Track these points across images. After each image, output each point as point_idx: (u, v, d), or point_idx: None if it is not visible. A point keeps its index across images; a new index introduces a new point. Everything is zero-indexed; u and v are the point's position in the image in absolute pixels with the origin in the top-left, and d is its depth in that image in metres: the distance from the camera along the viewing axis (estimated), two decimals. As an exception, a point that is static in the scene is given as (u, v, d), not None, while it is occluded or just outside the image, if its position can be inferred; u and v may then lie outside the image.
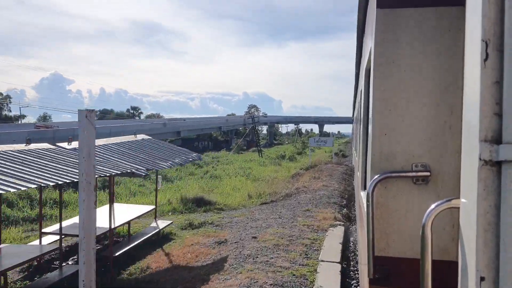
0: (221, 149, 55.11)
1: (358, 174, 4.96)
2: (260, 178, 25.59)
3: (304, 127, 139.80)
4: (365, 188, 2.97)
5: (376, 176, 2.04)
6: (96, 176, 4.08)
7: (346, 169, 25.77)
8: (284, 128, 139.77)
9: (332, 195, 13.95)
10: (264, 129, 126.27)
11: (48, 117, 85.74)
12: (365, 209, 2.12)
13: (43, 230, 7.59)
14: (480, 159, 0.91)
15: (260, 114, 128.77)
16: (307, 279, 6.01)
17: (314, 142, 31.74)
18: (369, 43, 2.69)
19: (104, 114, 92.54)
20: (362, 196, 3.36)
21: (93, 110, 2.82)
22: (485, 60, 0.92)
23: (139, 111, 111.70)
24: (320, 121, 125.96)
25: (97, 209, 5.05)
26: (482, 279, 0.91)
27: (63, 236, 7.27)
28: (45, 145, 7.39)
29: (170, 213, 11.96)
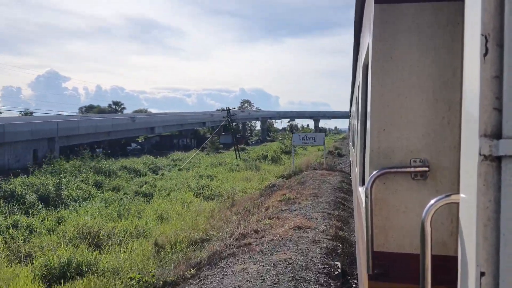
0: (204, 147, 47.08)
1: (356, 170, 4.78)
2: (218, 194, 17.63)
3: (300, 122, 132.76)
4: (363, 184, 3.02)
5: (374, 172, 2.03)
6: None
7: (342, 179, 17.40)
8: (279, 124, 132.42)
9: (307, 270, 6.01)
10: (257, 125, 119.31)
11: (29, 113, 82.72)
12: (364, 205, 2.13)
13: None
14: (479, 154, 0.91)
15: (254, 109, 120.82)
16: None
17: (299, 139, 23.48)
18: (367, 39, 2.71)
19: (89, 110, 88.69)
20: (360, 191, 3.35)
21: None
22: (485, 55, 0.91)
23: (122, 106, 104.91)
24: (316, 116, 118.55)
25: None
26: (482, 274, 0.91)
27: None
28: None
29: None
